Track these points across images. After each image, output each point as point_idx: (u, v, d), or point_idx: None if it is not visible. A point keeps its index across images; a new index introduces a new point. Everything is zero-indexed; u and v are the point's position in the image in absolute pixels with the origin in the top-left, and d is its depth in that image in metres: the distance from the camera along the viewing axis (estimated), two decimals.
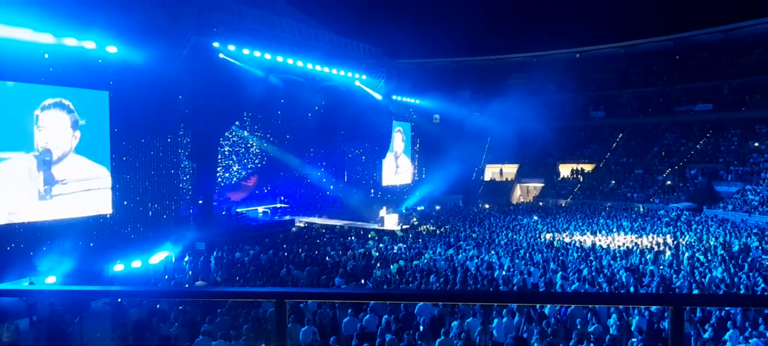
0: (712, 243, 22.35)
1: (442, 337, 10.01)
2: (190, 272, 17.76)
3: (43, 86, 18.70)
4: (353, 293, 3.85)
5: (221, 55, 26.02)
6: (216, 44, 25.53)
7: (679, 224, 29.48)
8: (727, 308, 11.05)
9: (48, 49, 18.43)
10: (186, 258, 19.53)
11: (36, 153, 18.48)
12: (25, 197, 18.23)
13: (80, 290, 2.07)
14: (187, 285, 16.29)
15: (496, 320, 10.87)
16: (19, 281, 15.72)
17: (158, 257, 19.64)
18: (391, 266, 17.58)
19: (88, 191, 20.14)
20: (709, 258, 18.93)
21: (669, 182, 41.21)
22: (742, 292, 14.08)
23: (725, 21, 47.74)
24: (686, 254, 19.51)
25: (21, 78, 18.07)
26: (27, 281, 15.26)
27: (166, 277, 17.06)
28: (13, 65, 17.76)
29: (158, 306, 12.07)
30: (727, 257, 18.62)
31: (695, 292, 13.73)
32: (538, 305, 11.11)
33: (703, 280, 15.22)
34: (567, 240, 24.63)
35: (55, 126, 19.09)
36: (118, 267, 17.98)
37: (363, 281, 15.82)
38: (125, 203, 21.55)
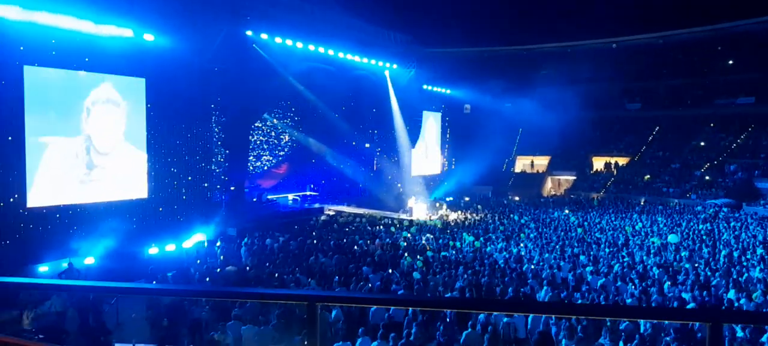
0: (750, 242, 21.66)
1: (469, 329, 10.01)
2: (222, 257, 18.14)
3: (87, 73, 19.26)
4: (383, 299, 3.89)
5: (254, 46, 26.30)
6: (249, 33, 25.79)
7: (716, 221, 28.66)
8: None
9: (89, 37, 18.93)
10: (218, 243, 19.96)
11: (80, 137, 19.09)
12: (67, 179, 18.86)
13: (113, 287, 2.15)
14: (218, 269, 16.66)
15: (515, 315, 10.73)
16: (58, 261, 16.31)
17: (191, 241, 20.12)
18: (418, 257, 17.61)
19: (126, 175, 20.73)
20: (748, 257, 18.37)
21: (707, 178, 39.99)
22: None
23: None
24: (723, 252, 18.99)
25: (66, 65, 18.63)
26: (66, 262, 15.80)
27: (198, 261, 17.45)
28: (59, 52, 18.33)
29: None
30: (766, 257, 18.03)
31: (732, 292, 13.35)
32: (566, 302, 10.98)
33: (740, 279, 14.80)
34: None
35: (101, 112, 19.68)
36: (153, 250, 18.50)
37: (391, 271, 15.88)
38: (161, 184, 22.08)
